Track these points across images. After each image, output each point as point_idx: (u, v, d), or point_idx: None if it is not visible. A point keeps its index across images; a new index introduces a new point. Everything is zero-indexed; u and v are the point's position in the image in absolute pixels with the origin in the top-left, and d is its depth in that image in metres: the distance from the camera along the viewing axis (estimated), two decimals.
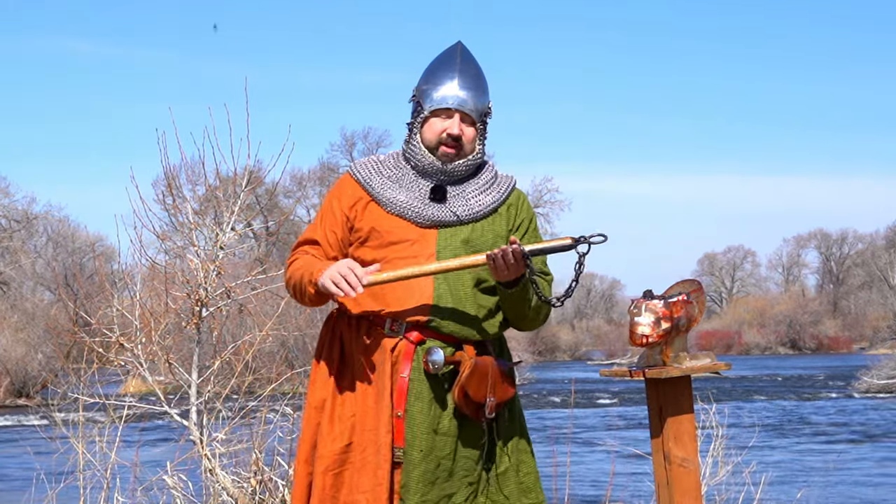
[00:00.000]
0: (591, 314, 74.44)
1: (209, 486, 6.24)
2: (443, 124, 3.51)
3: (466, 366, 3.42)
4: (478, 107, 3.54)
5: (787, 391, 30.31)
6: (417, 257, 3.47)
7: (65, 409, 7.56)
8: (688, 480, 3.54)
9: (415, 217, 3.51)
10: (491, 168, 3.64)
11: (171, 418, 6.44)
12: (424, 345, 3.46)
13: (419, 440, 3.44)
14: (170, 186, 6.74)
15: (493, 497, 3.54)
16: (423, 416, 3.44)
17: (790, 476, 13.83)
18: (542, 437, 19.26)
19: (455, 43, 3.63)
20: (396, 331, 3.47)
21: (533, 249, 3.40)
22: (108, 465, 6.36)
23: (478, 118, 3.54)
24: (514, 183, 3.65)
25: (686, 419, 3.56)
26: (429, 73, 3.58)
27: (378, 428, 3.44)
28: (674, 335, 3.49)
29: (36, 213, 45.35)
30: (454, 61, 3.57)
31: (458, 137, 3.51)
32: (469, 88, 3.53)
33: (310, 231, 3.63)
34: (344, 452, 3.48)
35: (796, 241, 78.31)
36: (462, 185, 3.56)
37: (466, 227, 3.53)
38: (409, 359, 3.46)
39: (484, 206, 3.55)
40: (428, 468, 3.44)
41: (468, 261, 3.42)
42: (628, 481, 10.92)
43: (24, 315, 31.38)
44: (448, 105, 3.51)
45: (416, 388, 3.45)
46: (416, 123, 3.55)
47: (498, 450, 3.56)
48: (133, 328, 6.51)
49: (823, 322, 64.54)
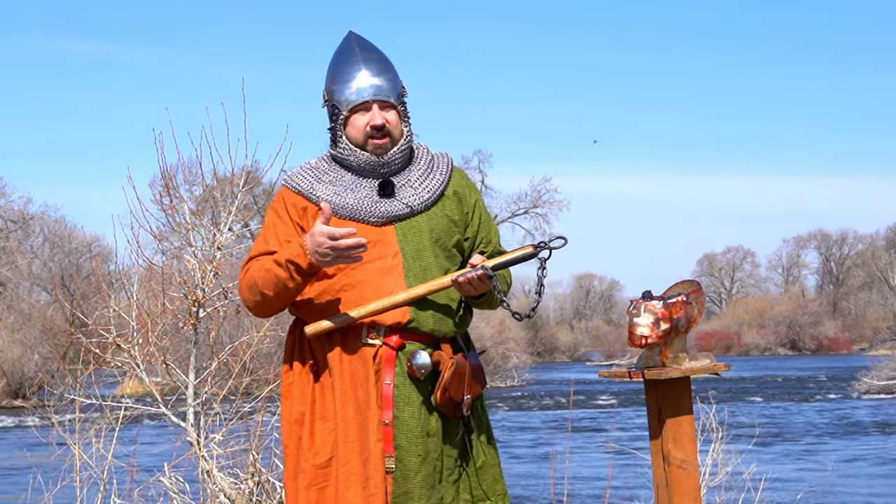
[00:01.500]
0: (590, 315, 74.45)
1: (206, 487, 6.22)
2: (364, 118, 3.45)
3: (448, 366, 3.40)
4: (393, 90, 3.48)
5: (787, 392, 30.31)
6: (384, 258, 3.42)
7: (61, 410, 7.53)
8: (687, 482, 3.53)
9: (368, 217, 3.45)
10: (425, 149, 3.59)
11: (168, 420, 6.43)
12: (405, 349, 3.42)
13: (416, 445, 3.39)
14: (167, 186, 6.73)
15: (475, 491, 3.51)
16: (415, 421, 3.39)
17: (790, 478, 13.81)
18: (542, 438, 19.25)
19: (347, 34, 3.57)
20: (375, 337, 3.41)
21: (496, 264, 3.41)
22: (105, 466, 6.35)
23: (396, 101, 3.49)
24: (451, 161, 3.61)
25: (685, 420, 3.56)
26: (334, 73, 3.51)
27: (365, 438, 3.37)
28: (673, 336, 3.48)
29: (32, 213, 45.32)
30: (354, 53, 3.50)
31: (383, 126, 3.45)
32: (378, 74, 3.48)
33: (259, 245, 3.50)
34: (326, 466, 3.41)
35: (796, 242, 78.42)
36: (404, 173, 3.51)
37: (422, 217, 3.48)
38: (392, 365, 3.40)
39: (432, 192, 3.51)
40: (427, 472, 3.40)
41: (434, 285, 3.40)
42: (627, 483, 10.90)
43: (21, 316, 31.36)
44: (364, 98, 3.45)
45: (403, 393, 3.40)
46: (339, 126, 3.49)
47: (474, 445, 3.53)
48: (130, 329, 6.49)
49: (823, 323, 64.54)
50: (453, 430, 3.47)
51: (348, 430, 3.39)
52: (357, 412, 3.39)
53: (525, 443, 18.59)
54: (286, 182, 3.55)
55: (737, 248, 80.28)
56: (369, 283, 3.40)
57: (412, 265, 3.44)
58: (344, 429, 3.39)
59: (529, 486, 13.17)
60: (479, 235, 3.61)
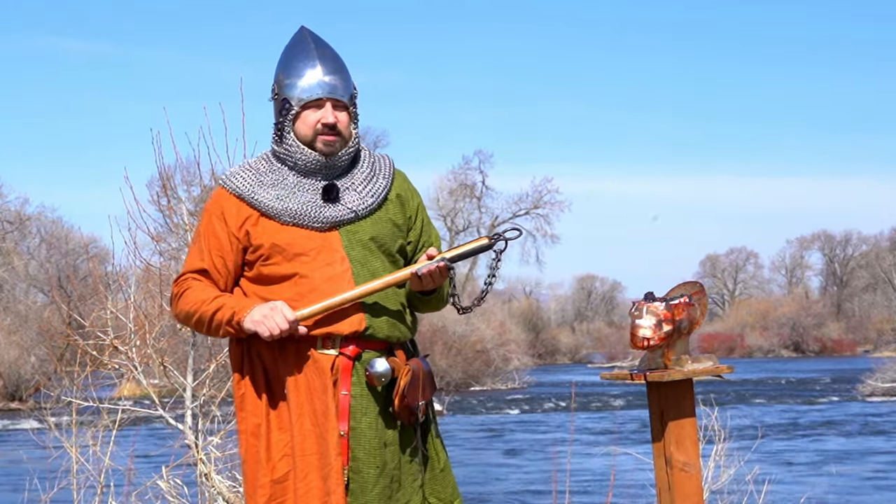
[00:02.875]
0: (591, 316, 74.47)
1: (204, 490, 6.22)
2: (316, 115, 3.37)
3: (404, 373, 3.34)
4: (346, 90, 3.41)
5: (790, 395, 30.29)
6: (332, 264, 3.35)
7: (58, 412, 7.52)
8: (689, 485, 3.55)
9: (312, 223, 3.37)
10: (367, 152, 3.53)
11: (166, 422, 6.42)
12: (361, 358, 3.35)
13: (373, 457, 3.32)
14: (164, 187, 6.71)
15: (438, 495, 3.47)
16: (373, 432, 3.33)
17: (793, 481, 13.77)
18: (544, 441, 19.23)
19: (300, 29, 3.50)
20: (331, 347, 3.34)
21: (454, 256, 3.39)
22: (102, 469, 6.35)
23: (349, 102, 3.43)
24: (393, 163, 3.55)
25: (688, 423, 3.57)
26: (286, 66, 3.42)
27: (325, 451, 3.29)
28: (675, 338, 3.49)
29: (29, 214, 45.24)
30: (309, 48, 3.43)
31: (335, 125, 3.38)
32: (334, 73, 3.40)
33: (195, 259, 3.42)
34: (283, 481, 3.32)
35: (799, 243, 78.32)
36: (348, 176, 3.44)
37: (366, 222, 3.41)
38: (349, 375, 3.33)
39: (376, 197, 3.44)
40: (384, 484, 3.33)
41: (392, 279, 3.36)
42: (629, 486, 10.87)
43: (17, 317, 31.37)
44: (319, 95, 3.37)
45: (361, 403, 3.33)
46: (288, 121, 3.40)
47: (431, 448, 3.48)
48: (127, 331, 6.48)
49: (827, 325, 64.50)
50: (410, 436, 3.42)
51: (305, 443, 3.31)
52: (314, 424, 3.31)
53: (526, 446, 18.57)
54: (225, 183, 3.44)
55: (740, 249, 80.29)
56: (320, 291, 3.33)
57: (360, 271, 3.37)
58: (301, 441, 3.31)
59: (531, 489, 13.14)
60: (422, 239, 3.56)
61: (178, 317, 3.49)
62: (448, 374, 33.07)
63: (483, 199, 58.82)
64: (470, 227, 58.39)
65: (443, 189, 58.80)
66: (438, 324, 33.50)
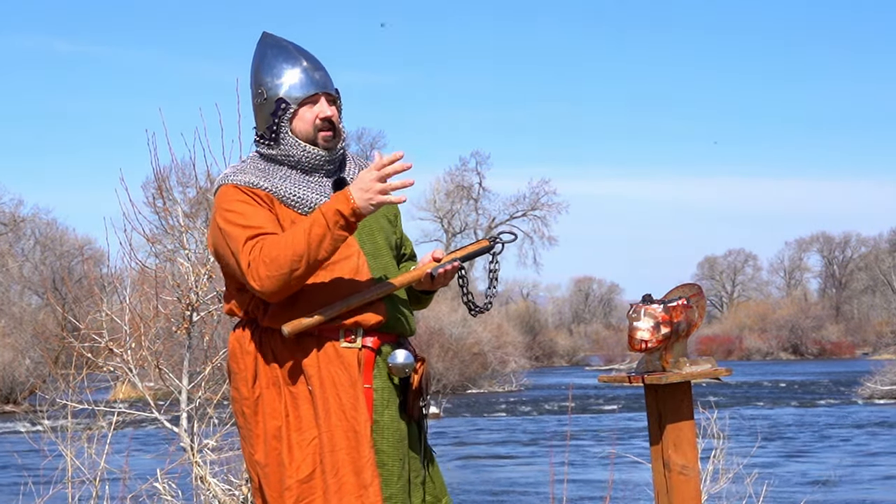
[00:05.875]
0: (589, 319, 74.54)
1: (200, 493, 6.21)
2: (312, 111, 3.39)
3: (420, 365, 3.39)
4: (333, 84, 3.45)
5: (789, 397, 30.31)
6: (350, 258, 3.36)
7: (53, 415, 7.49)
8: (688, 488, 3.56)
9: None
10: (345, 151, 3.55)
11: (162, 425, 6.40)
12: (381, 351, 3.36)
13: (396, 449, 3.33)
14: (160, 189, 6.69)
15: (432, 492, 3.48)
16: (395, 425, 3.34)
17: (792, 484, 13.76)
18: (541, 443, 19.20)
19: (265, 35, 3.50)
20: (353, 339, 3.33)
21: (463, 257, 3.47)
22: (98, 472, 6.35)
23: (336, 95, 3.45)
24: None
25: (686, 426, 3.58)
26: (270, 69, 3.41)
27: (356, 445, 3.27)
28: (673, 340, 3.50)
29: (23, 215, 45.22)
30: (287, 49, 3.44)
31: (331, 119, 3.40)
32: (319, 68, 3.43)
33: (244, 231, 3.26)
34: (310, 479, 3.29)
35: (798, 245, 78.43)
36: (345, 172, 3.47)
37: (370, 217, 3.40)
38: (372, 367, 3.33)
39: None
40: (406, 477, 3.35)
41: (407, 278, 3.39)
42: (627, 489, 10.85)
43: (12, 320, 31.40)
44: (313, 90, 3.38)
45: (383, 396, 3.33)
46: (284, 121, 3.39)
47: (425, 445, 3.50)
48: (123, 333, 6.46)
49: (826, 327, 64.54)
50: (415, 431, 3.43)
51: (334, 439, 3.28)
52: (341, 419, 3.29)
53: (523, 449, 18.56)
54: (233, 182, 3.37)
55: (738, 250, 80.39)
56: (343, 284, 3.33)
57: (374, 264, 3.40)
58: (329, 438, 3.28)
59: (528, 493, 13.13)
60: (403, 237, 3.62)
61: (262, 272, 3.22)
62: (445, 376, 33.09)
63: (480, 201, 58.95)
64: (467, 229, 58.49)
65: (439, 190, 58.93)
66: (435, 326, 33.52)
